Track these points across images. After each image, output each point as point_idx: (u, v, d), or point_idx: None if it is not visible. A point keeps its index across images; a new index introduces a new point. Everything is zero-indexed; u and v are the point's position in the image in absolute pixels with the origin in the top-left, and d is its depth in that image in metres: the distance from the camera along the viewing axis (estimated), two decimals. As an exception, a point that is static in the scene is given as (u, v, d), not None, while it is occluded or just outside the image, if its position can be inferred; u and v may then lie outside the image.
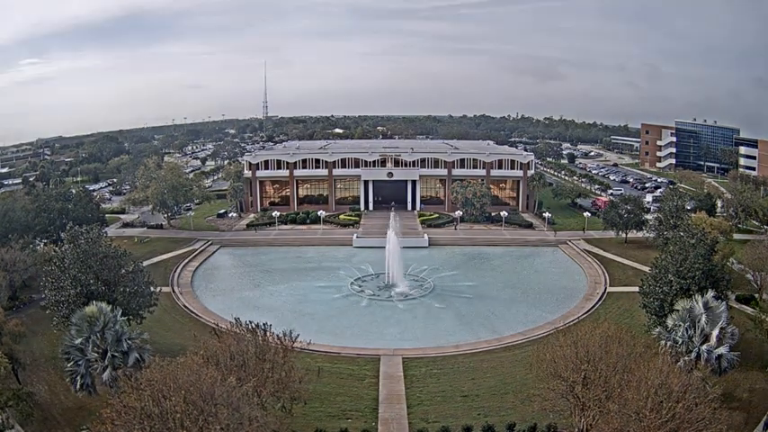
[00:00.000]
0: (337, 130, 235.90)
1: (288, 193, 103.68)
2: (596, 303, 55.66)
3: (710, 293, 38.26)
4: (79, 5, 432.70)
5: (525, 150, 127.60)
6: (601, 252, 73.16)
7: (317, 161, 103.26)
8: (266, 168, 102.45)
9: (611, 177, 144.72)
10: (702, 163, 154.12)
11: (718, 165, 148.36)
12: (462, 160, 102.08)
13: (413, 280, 64.26)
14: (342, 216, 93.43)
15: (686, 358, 34.72)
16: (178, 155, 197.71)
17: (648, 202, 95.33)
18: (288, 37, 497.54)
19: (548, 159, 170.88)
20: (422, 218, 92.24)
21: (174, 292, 59.34)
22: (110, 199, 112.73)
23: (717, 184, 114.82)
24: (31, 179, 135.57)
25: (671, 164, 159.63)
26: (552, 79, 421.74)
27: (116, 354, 34.45)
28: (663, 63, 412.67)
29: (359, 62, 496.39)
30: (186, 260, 70.87)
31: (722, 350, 35.69)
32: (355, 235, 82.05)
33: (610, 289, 59.65)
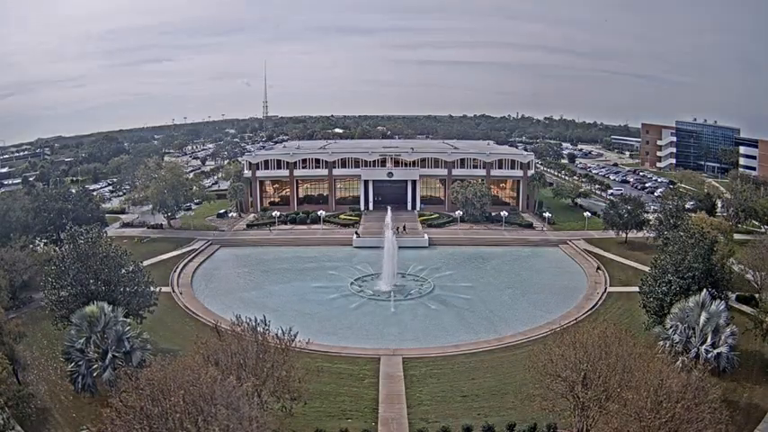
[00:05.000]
0: (337, 130, 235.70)
1: (288, 193, 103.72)
2: (596, 303, 55.66)
3: (710, 293, 38.34)
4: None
5: (525, 150, 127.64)
6: (601, 252, 73.17)
7: (317, 161, 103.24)
8: (266, 168, 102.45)
9: (612, 177, 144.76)
10: (703, 163, 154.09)
11: (718, 165, 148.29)
12: (462, 160, 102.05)
13: (413, 280, 64.33)
14: (342, 216, 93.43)
15: (684, 358, 34.73)
16: (178, 155, 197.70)
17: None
18: (288, 35, 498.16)
19: (548, 159, 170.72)
20: (422, 218, 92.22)
21: (174, 291, 59.34)
22: (110, 199, 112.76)
23: (717, 184, 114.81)
24: (30, 179, 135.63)
25: (671, 164, 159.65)
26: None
27: (117, 354, 34.50)
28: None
29: (360, 62, 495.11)
30: (186, 260, 70.90)
31: (722, 350, 35.77)
32: (355, 235, 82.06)
33: (610, 289, 59.65)
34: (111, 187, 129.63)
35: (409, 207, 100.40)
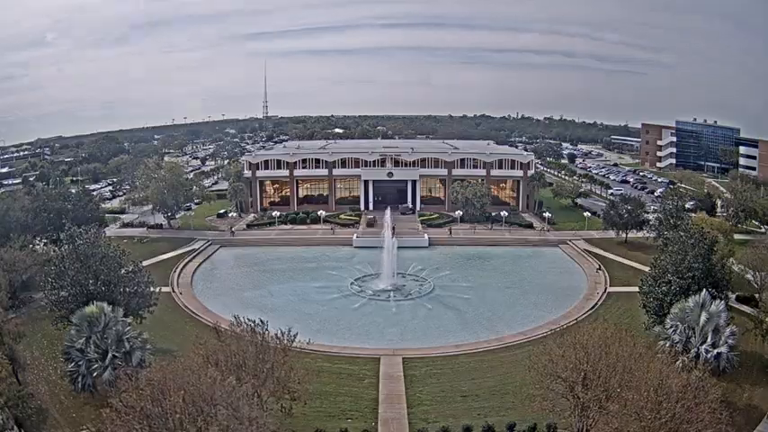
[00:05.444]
0: (337, 130, 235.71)
1: (288, 193, 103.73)
2: (596, 303, 55.67)
3: (709, 293, 38.33)
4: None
5: (525, 150, 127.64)
6: (601, 252, 73.17)
7: (317, 161, 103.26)
8: (266, 168, 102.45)
9: (612, 177, 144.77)
10: (703, 163, 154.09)
11: (718, 165, 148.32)
12: (462, 160, 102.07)
13: (413, 280, 64.33)
14: (342, 216, 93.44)
15: (684, 358, 34.72)
16: (178, 155, 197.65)
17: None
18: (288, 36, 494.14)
19: (548, 159, 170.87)
20: (422, 218, 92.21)
21: (173, 291, 59.33)
22: (110, 199, 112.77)
23: (717, 184, 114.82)
24: (30, 179, 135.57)
25: (671, 164, 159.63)
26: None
27: (117, 354, 34.50)
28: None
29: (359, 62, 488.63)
30: (186, 260, 70.90)
31: (722, 350, 35.78)
32: (355, 235, 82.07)
33: (610, 289, 59.65)
34: (111, 187, 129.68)
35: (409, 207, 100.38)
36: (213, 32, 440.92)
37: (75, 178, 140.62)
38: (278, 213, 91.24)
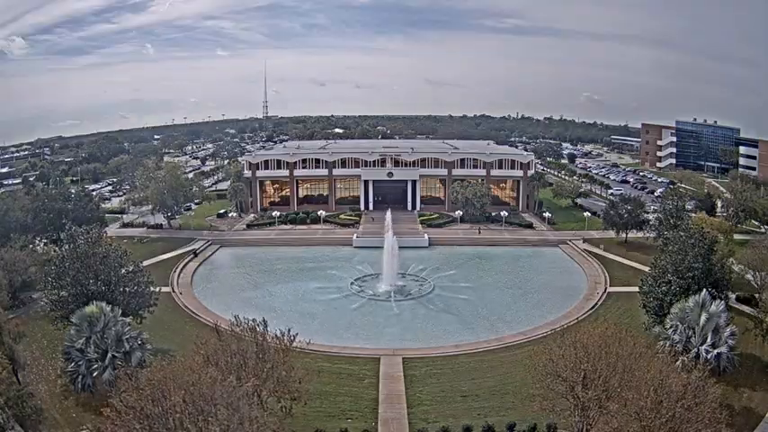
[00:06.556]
0: (337, 130, 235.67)
1: (288, 193, 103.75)
2: (596, 303, 55.66)
3: (709, 293, 38.34)
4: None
5: (525, 150, 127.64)
6: (601, 252, 73.14)
7: (317, 161, 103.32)
8: (266, 168, 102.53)
9: (612, 177, 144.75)
10: (703, 163, 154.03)
11: (718, 165, 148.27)
12: (462, 160, 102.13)
13: (413, 280, 64.31)
14: (342, 216, 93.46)
15: (684, 358, 34.71)
16: (178, 155, 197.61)
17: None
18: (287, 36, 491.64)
19: (548, 159, 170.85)
20: (422, 218, 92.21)
21: (173, 291, 59.32)
22: (109, 199, 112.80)
23: (717, 184, 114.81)
24: (30, 179, 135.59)
25: (671, 164, 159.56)
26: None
27: (117, 354, 34.51)
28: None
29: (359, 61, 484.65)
30: (186, 260, 70.87)
31: (721, 350, 35.78)
32: (355, 235, 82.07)
33: (610, 289, 59.64)
34: (111, 187, 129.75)
35: (409, 207, 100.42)
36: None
37: (75, 178, 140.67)
38: (278, 213, 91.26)
